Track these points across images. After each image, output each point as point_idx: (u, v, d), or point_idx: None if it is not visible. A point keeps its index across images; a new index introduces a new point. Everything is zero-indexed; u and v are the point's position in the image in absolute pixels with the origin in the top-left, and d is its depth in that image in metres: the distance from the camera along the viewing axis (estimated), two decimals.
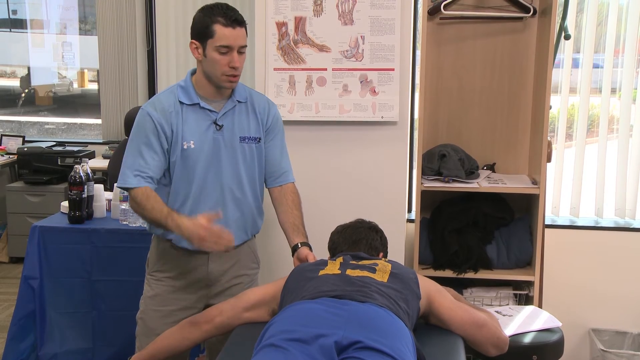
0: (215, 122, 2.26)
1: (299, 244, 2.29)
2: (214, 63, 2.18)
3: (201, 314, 2.14)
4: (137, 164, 2.20)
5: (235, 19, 2.16)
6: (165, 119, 2.21)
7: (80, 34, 7.22)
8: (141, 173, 2.19)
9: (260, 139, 2.35)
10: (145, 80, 5.21)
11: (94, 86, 7.18)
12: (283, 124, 2.45)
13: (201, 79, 2.26)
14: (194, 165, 2.25)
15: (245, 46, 2.21)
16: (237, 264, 2.41)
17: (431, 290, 2.02)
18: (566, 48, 3.41)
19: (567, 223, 3.48)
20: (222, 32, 2.14)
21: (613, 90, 3.51)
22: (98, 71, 5.36)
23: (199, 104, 2.25)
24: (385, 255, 2.26)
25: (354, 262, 2.05)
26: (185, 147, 2.23)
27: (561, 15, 3.03)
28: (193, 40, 2.20)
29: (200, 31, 2.17)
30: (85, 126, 7.48)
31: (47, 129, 7.69)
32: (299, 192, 2.43)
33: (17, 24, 7.48)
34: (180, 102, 2.24)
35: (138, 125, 2.23)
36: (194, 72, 2.31)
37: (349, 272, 1.96)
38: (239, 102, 2.31)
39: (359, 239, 2.21)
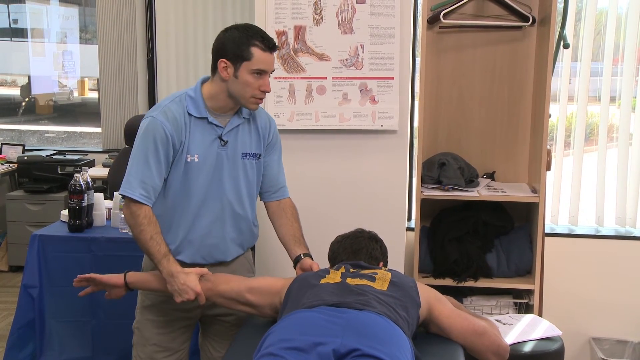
0: (220, 137, 2.21)
1: (302, 255, 2.27)
2: (245, 85, 2.12)
3: (210, 274, 2.17)
4: (144, 174, 2.12)
5: (273, 44, 2.13)
6: (176, 130, 2.13)
7: (80, 43, 7.25)
8: (146, 186, 2.12)
9: (260, 155, 2.32)
10: (145, 89, 5.21)
11: (94, 95, 7.18)
12: (280, 134, 2.43)
13: (219, 95, 2.17)
14: (196, 179, 2.20)
15: (274, 70, 2.20)
16: None
17: (431, 298, 2.02)
18: (565, 57, 3.42)
19: (566, 231, 3.48)
20: (260, 56, 2.10)
21: (612, 99, 3.52)
22: (98, 80, 5.36)
23: (207, 118, 2.18)
24: (385, 265, 2.26)
25: (354, 271, 2.05)
26: (189, 160, 2.17)
27: (560, 24, 3.04)
28: (223, 60, 2.11)
29: (235, 52, 2.09)
30: (86, 135, 7.48)
31: (48, 137, 7.70)
32: (295, 205, 2.41)
33: (17, 33, 7.50)
34: (189, 114, 2.17)
35: (148, 133, 2.13)
36: (205, 81, 2.22)
37: (348, 280, 1.96)
38: (244, 118, 2.27)
39: (359, 248, 2.21)
